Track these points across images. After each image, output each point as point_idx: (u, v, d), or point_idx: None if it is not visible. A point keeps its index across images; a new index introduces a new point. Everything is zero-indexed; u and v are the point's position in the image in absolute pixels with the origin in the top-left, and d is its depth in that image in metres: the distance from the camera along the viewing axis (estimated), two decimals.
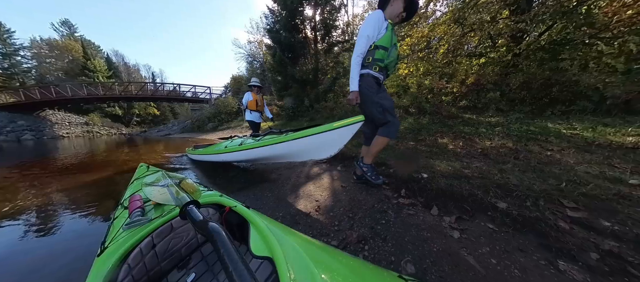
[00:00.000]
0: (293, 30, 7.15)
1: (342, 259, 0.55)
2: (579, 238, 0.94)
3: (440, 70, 5.02)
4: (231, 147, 2.09)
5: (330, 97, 6.93)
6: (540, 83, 3.47)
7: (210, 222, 0.46)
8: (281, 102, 8.27)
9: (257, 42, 18.62)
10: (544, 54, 3.65)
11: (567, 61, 3.30)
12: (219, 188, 1.99)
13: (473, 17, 4.49)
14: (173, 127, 16.88)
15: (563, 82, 3.23)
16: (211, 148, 2.59)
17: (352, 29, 10.25)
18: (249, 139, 2.09)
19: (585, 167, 1.66)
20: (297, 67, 7.49)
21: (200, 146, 3.30)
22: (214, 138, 7.94)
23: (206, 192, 0.92)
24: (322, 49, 7.79)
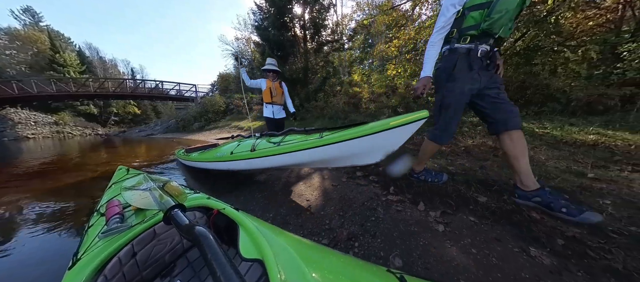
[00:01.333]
0: (282, 28, 7.07)
1: (332, 257, 0.56)
2: (547, 227, 1.04)
3: None
4: (240, 153, 1.63)
5: (320, 97, 6.94)
6: (516, 86, 3.72)
7: (196, 226, 0.45)
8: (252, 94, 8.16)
9: (244, 39, 18.17)
10: (519, 59, 3.92)
11: (539, 66, 3.57)
12: (206, 190, 1.89)
13: None
14: (156, 127, 16.07)
15: (536, 85, 3.49)
16: (211, 153, 2.06)
17: (341, 29, 10.32)
18: (260, 139, 1.66)
19: (554, 163, 1.81)
20: (286, 65, 7.42)
21: (194, 149, 2.81)
22: (202, 138, 7.66)
23: (192, 195, 0.89)
24: (311, 48, 7.79)
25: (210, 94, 17.05)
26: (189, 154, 2.60)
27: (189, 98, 16.05)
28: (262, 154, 1.48)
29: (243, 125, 8.12)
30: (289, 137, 1.49)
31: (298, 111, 6.96)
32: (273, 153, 1.43)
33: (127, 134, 16.30)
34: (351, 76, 8.52)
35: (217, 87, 19.64)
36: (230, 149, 1.76)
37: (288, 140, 1.43)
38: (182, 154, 2.77)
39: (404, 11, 7.60)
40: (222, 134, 7.79)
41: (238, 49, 19.12)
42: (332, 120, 5.59)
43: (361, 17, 11.26)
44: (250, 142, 1.68)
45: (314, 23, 7.28)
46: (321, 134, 1.31)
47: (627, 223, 1.03)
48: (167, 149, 5.51)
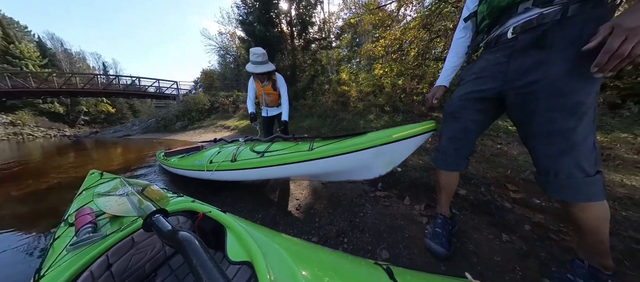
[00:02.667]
0: (268, 23, 6.92)
1: (322, 254, 0.57)
2: (517, 214, 1.14)
3: (412, 72, 5.40)
4: (219, 162, 1.46)
5: (309, 95, 6.92)
6: None
7: (180, 231, 0.43)
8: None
9: (229, 33, 17.38)
10: None
11: None
12: (191, 193, 1.81)
13: (438, 25, 4.92)
14: (133, 126, 15.03)
15: None
16: (190, 159, 1.86)
17: (329, 27, 10.33)
18: (244, 147, 1.50)
19: (524, 157, 1.97)
20: (274, 63, 7.30)
21: (175, 152, 2.61)
22: (185, 138, 7.32)
23: (175, 199, 0.85)
24: (299, 45, 7.72)
25: (193, 91, 16.31)
26: (169, 157, 2.35)
27: (170, 96, 15.25)
28: (243, 166, 1.32)
29: (229, 125, 7.88)
30: (276, 146, 1.33)
31: None
32: (255, 165, 1.26)
33: (101, 135, 14.87)
34: (339, 75, 8.58)
35: (201, 84, 18.77)
36: (210, 156, 1.58)
37: (274, 149, 1.29)
38: (162, 156, 2.50)
39: (390, 12, 7.80)
40: (207, 134, 7.47)
41: (222, 44, 18.28)
42: (320, 119, 5.60)
43: (348, 16, 11.36)
44: (231, 150, 1.49)
45: (301, 19, 7.22)
46: (311, 144, 1.13)
47: None
48: (147, 150, 5.14)
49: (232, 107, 10.58)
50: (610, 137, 2.32)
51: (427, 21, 5.02)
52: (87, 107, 24.21)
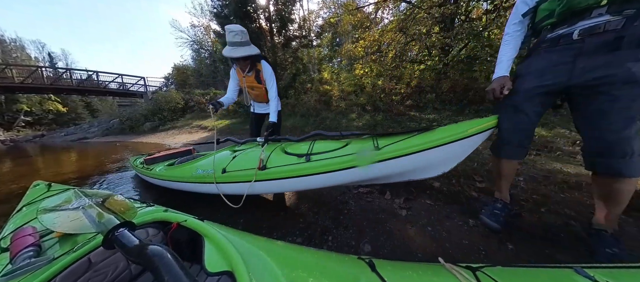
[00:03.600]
0: (245, 18, 6.66)
1: (306, 255, 0.56)
2: (482, 202, 1.27)
3: (390, 73, 5.65)
4: (242, 172, 1.17)
5: (291, 94, 6.85)
6: (461, 88, 4.34)
7: (149, 245, 0.40)
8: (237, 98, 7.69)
9: (202, 26, 16.26)
10: (463, 65, 4.59)
11: (478, 72, 4.24)
12: (165, 202, 1.61)
13: (413, 29, 5.21)
14: (91, 128, 13.34)
15: (476, 88, 4.14)
16: (186, 168, 1.47)
17: (309, 25, 10.29)
18: (269, 148, 1.24)
19: (488, 151, 2.20)
20: None
21: (158, 159, 2.09)
22: (157, 141, 6.73)
23: (145, 209, 0.77)
24: (279, 42, 7.59)
25: (164, 88, 15.06)
26: (150, 165, 1.94)
27: (137, 93, 13.91)
28: (282, 175, 1.04)
29: (207, 125, 7.42)
30: (318, 146, 1.11)
31: None
32: (301, 173, 1.00)
33: (48, 138, 12.82)
34: (321, 74, 8.63)
35: (173, 80, 17.38)
36: (222, 163, 1.27)
37: (318, 150, 1.05)
38: (139, 165, 2.04)
39: (368, 13, 8.05)
40: (182, 136, 6.92)
41: (195, 37, 17.08)
42: (304, 118, 5.59)
43: (328, 15, 11.46)
44: (254, 154, 1.22)
45: (280, 16, 7.10)
46: (375, 141, 0.99)
47: (531, 193, 1.35)
48: (109, 155, 4.52)
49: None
50: (552, 132, 2.69)
51: (402, 25, 5.29)
52: (30, 106, 20.43)
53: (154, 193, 1.96)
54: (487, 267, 0.50)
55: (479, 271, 0.49)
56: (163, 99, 10.64)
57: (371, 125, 4.08)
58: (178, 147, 3.37)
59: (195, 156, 2.09)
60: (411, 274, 0.51)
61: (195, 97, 10.95)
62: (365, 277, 0.47)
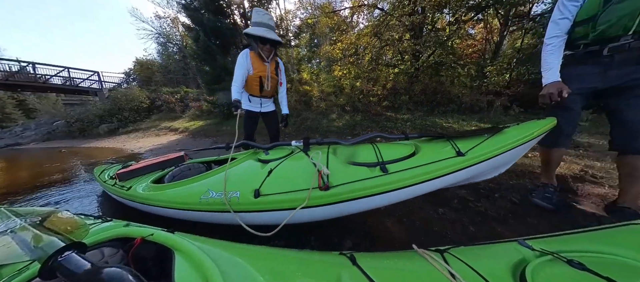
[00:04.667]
0: (218, 13, 6.34)
1: (289, 257, 0.56)
2: (450, 192, 1.47)
3: (367, 75, 5.94)
4: (283, 194, 0.86)
5: None
6: (431, 91, 4.80)
7: (104, 268, 0.35)
8: (212, 97, 7.26)
9: (169, 18, 14.74)
10: (432, 70, 5.07)
11: (444, 77, 4.74)
12: (127, 214, 1.42)
13: (387, 34, 5.57)
14: (26, 132, 11.05)
15: (443, 91, 4.62)
16: (189, 187, 1.10)
17: (286, 25, 10.21)
18: (312, 154, 0.97)
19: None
20: (229, 57, 6.79)
21: (136, 172, 1.48)
22: (117, 146, 5.94)
23: (100, 225, 0.67)
24: None
25: (124, 85, 13.43)
26: (127, 181, 1.40)
27: (89, 90, 12.15)
28: (355, 194, 0.80)
29: (177, 127, 6.84)
30: (383, 151, 0.93)
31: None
32: (380, 189, 0.80)
33: None
34: (300, 74, 8.63)
35: (135, 76, 15.56)
36: (251, 182, 0.94)
37: (388, 157, 0.88)
38: (109, 180, 1.57)
39: (344, 17, 8.32)
40: (148, 140, 6.18)
41: (162, 30, 15.48)
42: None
43: (305, 16, 11.51)
44: (300, 166, 0.97)
45: None
46: (454, 145, 0.87)
47: (489, 182, 1.58)
48: (52, 164, 3.73)
49: (180, 105, 9.26)
50: None
51: (377, 30, 5.62)
52: None
53: (116, 205, 1.63)
54: (452, 248, 0.58)
55: (446, 253, 0.55)
56: (123, 98, 9.51)
57: (351, 125, 4.26)
58: (164, 155, 2.57)
59: (195, 167, 1.53)
60: (389, 262, 0.55)
61: (162, 96, 10.02)
62: (347, 272, 0.48)
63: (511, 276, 0.46)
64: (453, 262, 0.51)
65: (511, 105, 4.08)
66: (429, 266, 0.49)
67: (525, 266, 0.47)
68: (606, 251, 0.52)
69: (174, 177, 1.37)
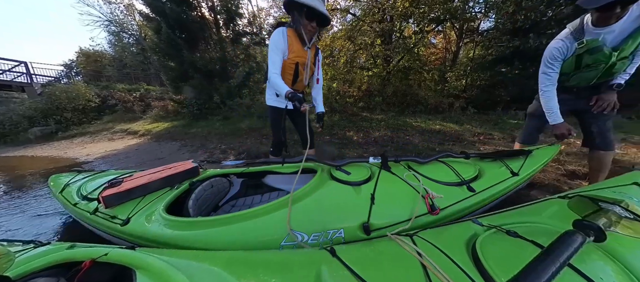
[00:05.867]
0: (183, 3, 5.86)
1: (268, 258, 0.55)
2: None
3: (343, 77, 6.14)
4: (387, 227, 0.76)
5: (245, 94, 6.47)
6: (401, 93, 5.19)
7: None
8: (179, 95, 6.65)
9: (123, 5, 12.77)
10: (401, 74, 5.49)
11: (412, 80, 5.18)
12: (72, 233, 1.22)
13: (360, 39, 5.86)
14: None
15: (411, 93, 5.04)
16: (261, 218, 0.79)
17: (260, 22, 9.97)
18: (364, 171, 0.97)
19: (421, 143, 2.78)
20: (197, 53, 6.32)
21: (139, 191, 1.01)
22: (54, 154, 4.86)
23: (32, 251, 0.57)
24: (227, 36, 7.04)
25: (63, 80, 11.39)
26: (120, 209, 0.95)
27: (13, 85, 9.99)
28: (455, 215, 0.85)
29: (138, 129, 6.00)
30: (439, 169, 1.00)
31: (219, 109, 6.15)
32: (471, 209, 0.88)
33: None
34: None
35: (79, 70, 13.28)
36: (352, 216, 0.78)
37: (468, 176, 0.96)
38: (85, 206, 1.06)
39: None
40: (99, 145, 5.21)
41: (113, 17, 13.37)
42: (261, 119, 5.40)
43: (279, 15, 11.38)
44: (397, 188, 0.89)
45: (226, 8, 6.59)
46: (507, 166, 1.03)
47: None
48: None
49: (140, 105, 8.24)
50: (462, 127, 3.60)
51: (350, 34, 5.87)
52: None
53: (56, 224, 1.38)
54: (420, 232, 0.64)
55: (415, 236, 0.61)
56: (64, 95, 8.04)
57: (329, 125, 4.33)
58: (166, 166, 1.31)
59: (218, 183, 1.18)
60: (366, 250, 0.58)
61: (117, 94, 8.78)
62: (326, 264, 0.49)
63: (465, 249, 0.53)
64: (420, 243, 0.56)
65: (467, 107, 4.67)
66: (401, 249, 0.53)
67: (476, 239, 0.54)
68: (533, 220, 0.65)
69: (197, 200, 0.99)
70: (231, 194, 1.27)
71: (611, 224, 0.52)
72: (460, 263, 0.48)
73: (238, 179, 1.30)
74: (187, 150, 3.50)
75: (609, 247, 0.47)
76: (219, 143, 3.59)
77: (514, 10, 4.43)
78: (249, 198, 1.27)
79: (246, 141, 3.56)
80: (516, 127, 3.58)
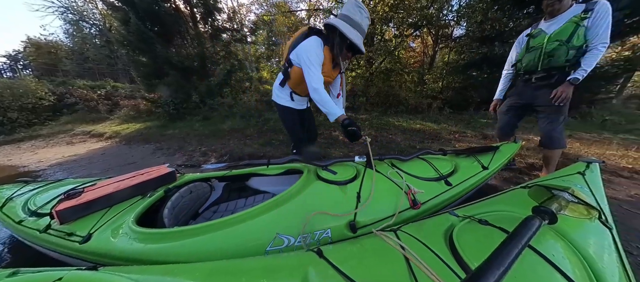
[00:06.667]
0: None
1: (252, 266, 0.53)
2: None
3: None
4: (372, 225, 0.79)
5: (227, 93, 6.21)
6: (384, 93, 5.39)
7: None
8: (153, 94, 6.16)
9: None
10: (383, 75, 5.70)
11: (394, 82, 5.41)
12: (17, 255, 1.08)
13: None
14: None
15: (393, 94, 5.26)
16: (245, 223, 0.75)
17: (240, 19, 9.66)
18: (352, 170, 0.98)
19: (404, 142, 2.93)
20: (173, 48, 5.92)
21: (101, 202, 0.89)
22: (1, 162, 4.25)
23: None
24: (205, 31, 6.70)
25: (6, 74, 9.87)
26: (78, 225, 0.82)
27: None
28: (434, 208, 0.91)
29: (104, 131, 5.35)
30: (417, 166, 1.06)
31: (198, 108, 5.82)
32: (448, 201, 0.95)
33: None
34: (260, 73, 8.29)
35: (29, 62, 11.59)
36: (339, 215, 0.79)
37: (446, 170, 1.05)
38: (32, 224, 0.88)
39: (301, 18, 8.44)
40: (54, 150, 4.46)
41: (69, 3, 11.71)
42: (244, 119, 5.24)
43: (260, 12, 11.14)
44: (381, 185, 0.91)
45: (203, 1, 6.28)
46: (477, 161, 1.15)
47: None
48: None
49: (107, 104, 7.45)
50: (440, 126, 3.86)
51: None
52: None
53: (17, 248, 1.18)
54: (404, 226, 0.67)
55: (399, 230, 0.63)
56: (7, 91, 6.97)
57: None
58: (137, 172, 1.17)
59: (198, 188, 1.11)
60: (353, 249, 0.58)
61: (77, 91, 7.84)
62: (313, 266, 0.49)
63: (444, 239, 0.56)
64: (403, 237, 0.59)
65: (444, 107, 5.01)
66: (386, 244, 0.55)
67: (453, 229, 0.58)
68: (501, 208, 0.71)
69: (174, 209, 0.92)
70: (212, 199, 1.21)
71: (561, 208, 0.60)
72: (439, 253, 0.51)
73: (220, 183, 1.24)
74: (163, 153, 3.26)
75: (559, 228, 0.55)
76: (199, 145, 3.40)
77: (482, 20, 4.87)
78: (232, 203, 1.22)
79: (228, 142, 3.43)
80: (485, 125, 3.94)
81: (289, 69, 1.20)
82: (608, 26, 1.15)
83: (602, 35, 1.15)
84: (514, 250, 0.35)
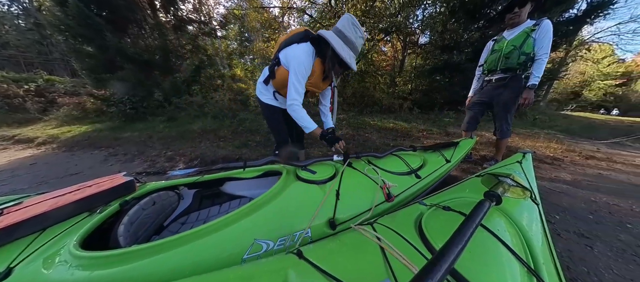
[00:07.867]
0: None
1: (228, 277, 0.51)
2: None
3: None
4: (351, 219, 0.81)
5: (196, 90, 5.72)
6: (360, 94, 5.62)
7: None
8: (103, 90, 5.33)
9: None
10: (359, 77, 5.95)
11: (368, 83, 5.68)
12: None
13: None
14: None
15: (368, 95, 5.53)
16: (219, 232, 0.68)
17: (208, 10, 8.99)
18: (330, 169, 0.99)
19: (379, 140, 3.12)
20: (127, 37, 5.22)
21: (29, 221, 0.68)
22: None
23: None
24: (167, 21, 6.06)
25: None
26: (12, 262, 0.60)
27: None
28: (405, 200, 0.98)
29: (36, 136, 4.31)
30: (392, 162, 1.16)
31: (163, 108, 5.22)
32: (418, 193, 1.06)
33: None
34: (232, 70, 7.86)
35: None
36: (319, 214, 0.77)
37: (415, 165, 1.16)
38: None
39: (275, 16, 8.26)
40: None
41: None
42: (217, 120, 4.92)
43: (230, 5, 10.55)
44: (358, 181, 0.96)
45: None
46: (442, 154, 1.31)
47: None
48: None
49: (38, 102, 6.15)
50: (410, 125, 4.21)
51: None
52: None
53: None
54: (380, 219, 0.70)
55: (375, 223, 0.66)
56: None
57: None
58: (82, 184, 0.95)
59: (164, 197, 1.00)
60: (333, 246, 0.59)
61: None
62: (293, 268, 0.48)
63: (414, 227, 0.61)
64: (379, 229, 0.62)
65: (413, 108, 5.46)
66: (363, 237, 0.58)
67: (422, 217, 0.63)
68: (460, 195, 0.82)
69: (132, 224, 0.80)
70: (181, 209, 1.08)
71: (505, 192, 0.73)
72: (410, 240, 0.55)
73: (190, 191, 1.11)
74: (117, 160, 2.76)
75: (503, 208, 0.66)
76: (164, 149, 3.03)
77: (442, 30, 5.44)
78: (204, 211, 1.11)
79: (199, 145, 3.15)
80: (448, 124, 4.42)
81: (276, 67, 1.17)
82: (549, 40, 1.45)
83: (545, 46, 1.46)
84: (469, 230, 0.40)
